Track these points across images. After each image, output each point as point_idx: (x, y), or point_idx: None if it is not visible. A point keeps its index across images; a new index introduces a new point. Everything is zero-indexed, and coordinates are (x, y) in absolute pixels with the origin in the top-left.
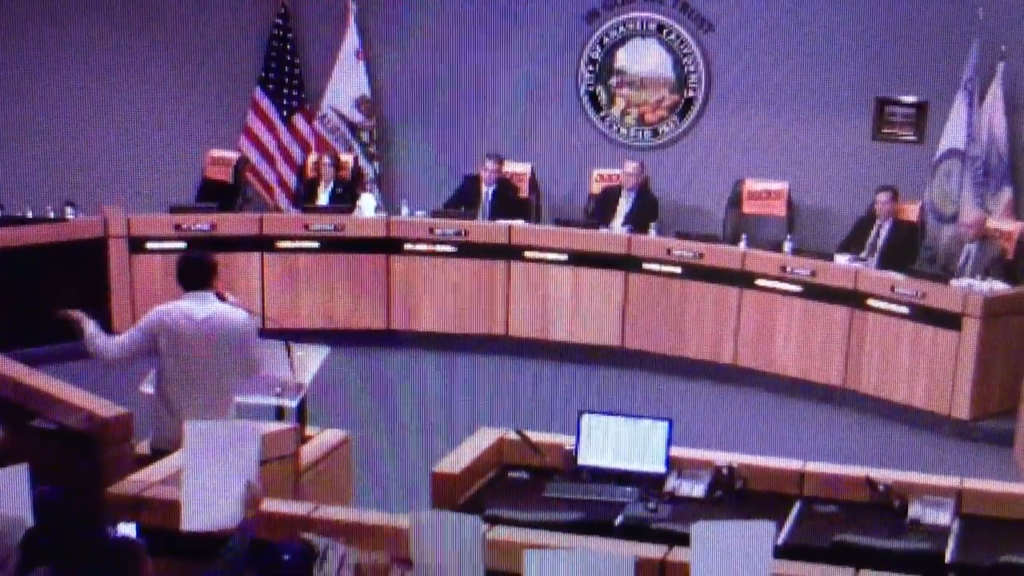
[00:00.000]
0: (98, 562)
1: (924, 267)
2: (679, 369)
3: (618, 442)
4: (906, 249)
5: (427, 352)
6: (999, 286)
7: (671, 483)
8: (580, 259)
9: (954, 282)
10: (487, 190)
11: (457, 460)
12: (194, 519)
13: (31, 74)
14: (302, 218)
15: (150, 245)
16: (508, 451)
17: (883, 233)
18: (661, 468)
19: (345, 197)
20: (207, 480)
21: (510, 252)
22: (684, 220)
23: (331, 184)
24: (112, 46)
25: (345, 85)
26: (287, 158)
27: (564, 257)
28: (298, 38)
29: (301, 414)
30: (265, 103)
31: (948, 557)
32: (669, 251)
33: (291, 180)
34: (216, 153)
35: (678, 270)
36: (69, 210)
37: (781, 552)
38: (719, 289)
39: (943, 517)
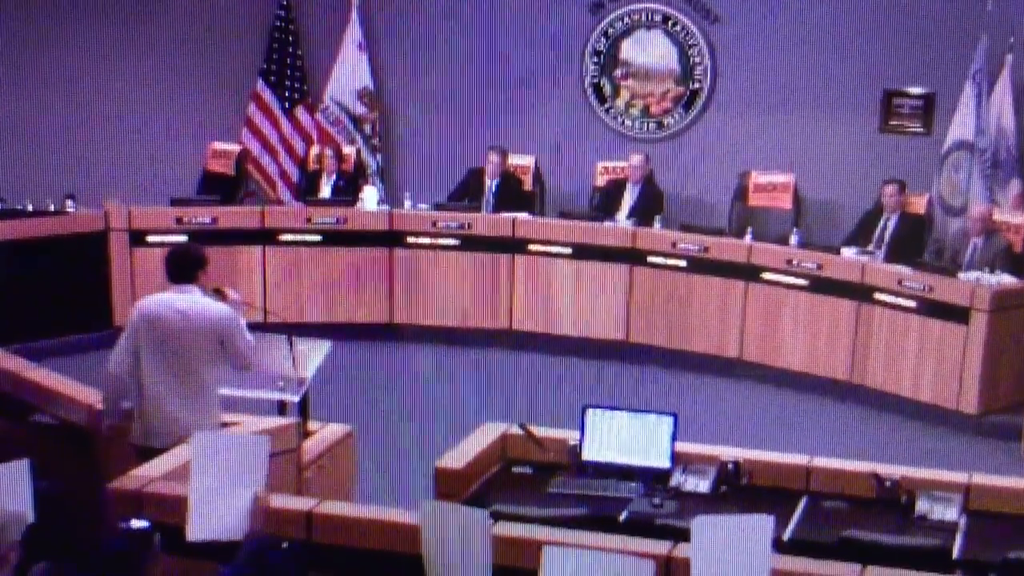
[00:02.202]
0: (99, 559)
1: (931, 260)
2: (684, 363)
3: (623, 437)
4: (913, 242)
5: (430, 346)
6: (1007, 279)
7: (676, 478)
8: (584, 252)
9: (962, 275)
10: (491, 183)
11: (461, 455)
12: (200, 530)
13: (32, 67)
14: (304, 211)
15: (151, 238)
16: (512, 446)
17: (890, 226)
18: (666, 463)
19: (347, 190)
20: (215, 492)
21: (514, 245)
22: (689, 213)
23: (333, 177)
24: (113, 39)
25: (347, 77)
26: (289, 151)
27: (568, 250)
28: (300, 30)
29: (303, 409)
30: (267, 95)
31: (956, 553)
32: (674, 244)
33: (293, 173)
34: (218, 146)
35: (683, 263)
36: (70, 203)
37: (787, 548)
38: (725, 282)
39: (950, 512)
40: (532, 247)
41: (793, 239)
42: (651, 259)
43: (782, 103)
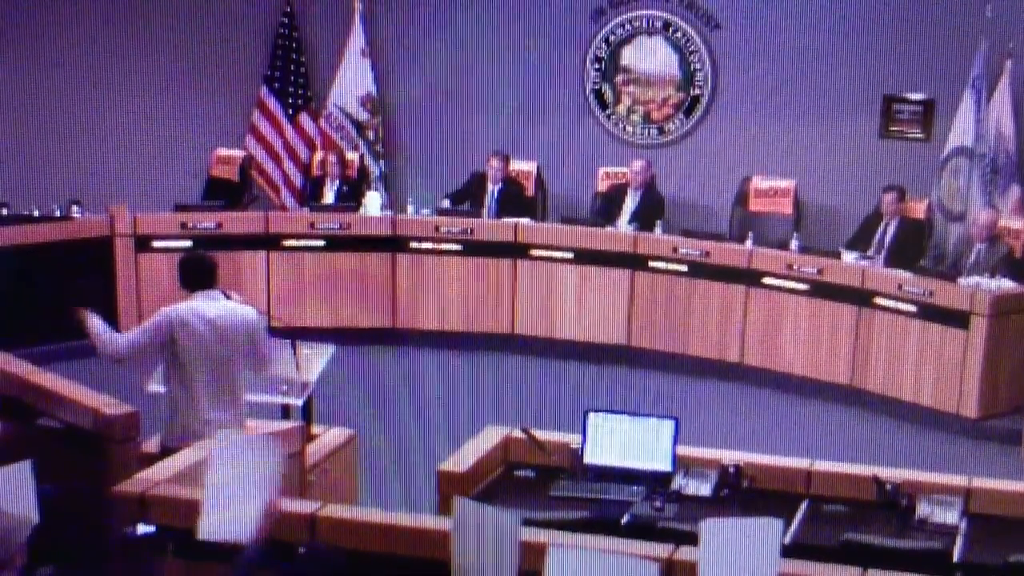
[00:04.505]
0: (104, 563)
1: (931, 265)
2: (685, 368)
3: (624, 441)
4: (913, 247)
5: (433, 350)
6: (1007, 284)
7: (677, 482)
8: (586, 257)
9: (962, 280)
10: (493, 188)
11: (463, 458)
12: (211, 529)
13: (37, 73)
14: (308, 216)
15: (156, 244)
16: (514, 450)
17: (890, 231)
18: (667, 467)
19: (351, 195)
20: (229, 491)
21: (516, 250)
22: (690, 218)
23: (337, 182)
24: (118, 45)
25: (351, 83)
26: (293, 156)
27: (570, 255)
28: (303, 36)
29: (307, 412)
30: (271, 102)
31: (956, 556)
32: (675, 249)
33: (297, 178)
34: (222, 152)
35: (684, 268)
36: (75, 209)
37: (788, 551)
38: (725, 287)
39: (951, 516)
40: (534, 252)
41: (794, 244)
42: (652, 264)
43: (782, 109)
